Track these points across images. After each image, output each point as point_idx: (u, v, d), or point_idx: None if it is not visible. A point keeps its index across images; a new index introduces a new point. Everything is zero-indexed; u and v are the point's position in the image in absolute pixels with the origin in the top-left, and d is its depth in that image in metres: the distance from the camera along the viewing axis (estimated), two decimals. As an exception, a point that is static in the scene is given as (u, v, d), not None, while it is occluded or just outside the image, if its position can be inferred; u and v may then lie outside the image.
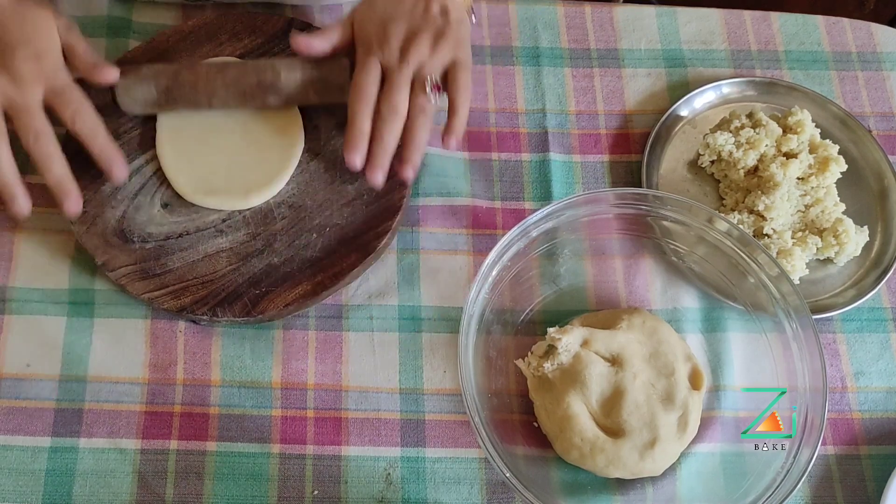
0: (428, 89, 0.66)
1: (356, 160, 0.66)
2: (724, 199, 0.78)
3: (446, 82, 0.68)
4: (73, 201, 0.65)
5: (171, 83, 0.70)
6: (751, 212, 0.74)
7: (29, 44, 0.63)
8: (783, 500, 0.59)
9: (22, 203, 0.64)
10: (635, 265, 0.74)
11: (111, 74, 0.67)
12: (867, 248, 0.76)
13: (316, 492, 0.66)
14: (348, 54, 0.71)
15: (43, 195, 0.74)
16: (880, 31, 0.87)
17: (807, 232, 0.75)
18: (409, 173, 0.68)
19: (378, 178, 0.67)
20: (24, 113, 0.63)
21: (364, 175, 0.68)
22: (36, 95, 0.63)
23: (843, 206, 0.76)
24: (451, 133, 0.68)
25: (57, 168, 0.64)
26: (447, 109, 0.69)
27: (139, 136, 0.73)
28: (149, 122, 0.74)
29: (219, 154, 0.72)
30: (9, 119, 0.64)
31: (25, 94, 0.63)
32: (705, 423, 0.68)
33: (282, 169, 0.72)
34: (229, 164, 0.72)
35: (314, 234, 0.71)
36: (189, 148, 0.72)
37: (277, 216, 0.71)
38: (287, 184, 0.72)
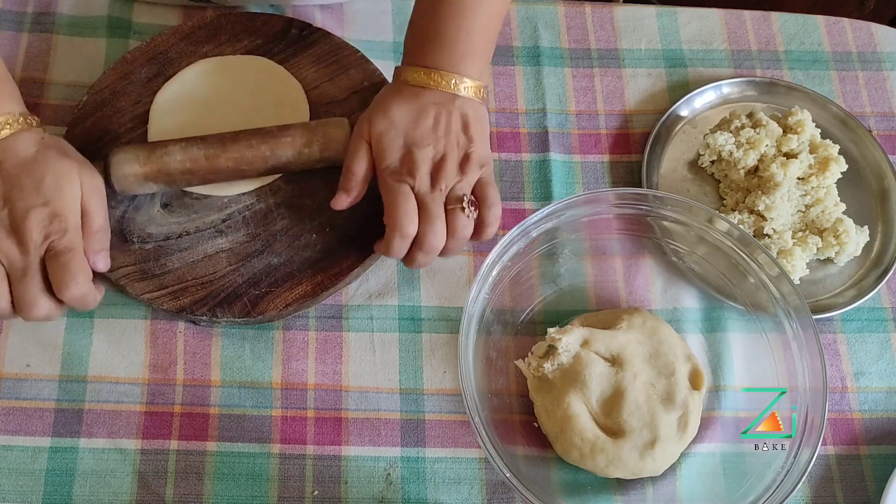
0: (466, 210, 0.64)
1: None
2: (724, 199, 0.78)
3: (475, 195, 0.66)
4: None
5: (159, 168, 0.68)
6: (751, 212, 0.74)
7: (46, 206, 0.60)
8: (783, 500, 0.59)
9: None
10: (635, 265, 0.74)
11: (104, 266, 0.63)
12: (867, 248, 0.76)
13: (316, 492, 0.66)
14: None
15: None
16: (880, 31, 0.87)
17: (807, 232, 0.75)
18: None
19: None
20: (22, 279, 0.59)
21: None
22: (37, 259, 0.59)
23: (843, 206, 0.76)
24: (483, 232, 0.66)
25: (54, 319, 0.61)
26: (477, 224, 0.66)
27: (140, 135, 0.73)
28: (148, 122, 0.74)
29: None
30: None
31: (28, 260, 0.59)
32: (705, 423, 0.68)
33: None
34: None
35: (314, 235, 0.70)
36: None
37: (277, 216, 0.71)
38: (287, 184, 0.72)
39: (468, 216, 0.64)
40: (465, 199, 0.64)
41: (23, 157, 0.61)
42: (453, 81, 0.65)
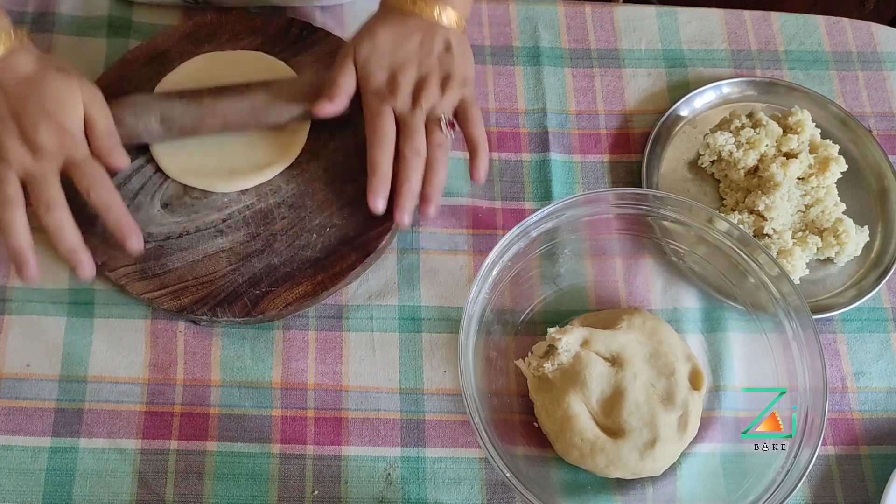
0: (444, 128, 0.68)
1: (379, 205, 0.67)
2: (724, 199, 0.78)
3: (458, 120, 0.70)
4: (85, 269, 0.64)
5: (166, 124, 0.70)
6: (751, 212, 0.74)
7: (52, 117, 0.63)
8: (783, 500, 0.59)
9: (32, 270, 0.63)
10: (635, 265, 0.74)
11: (121, 161, 0.66)
12: (867, 248, 0.76)
13: (316, 492, 0.66)
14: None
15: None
16: (880, 31, 0.87)
17: (807, 232, 0.75)
18: (431, 210, 0.68)
19: (406, 220, 0.68)
20: (39, 183, 0.63)
21: (394, 216, 0.68)
22: (52, 166, 0.63)
23: (843, 206, 0.76)
24: (478, 169, 0.69)
25: (68, 238, 0.63)
26: (468, 147, 0.70)
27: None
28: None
29: (217, 138, 0.73)
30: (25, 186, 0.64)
31: (42, 166, 0.63)
32: (705, 423, 0.68)
33: (291, 144, 0.73)
34: (230, 146, 0.73)
35: (314, 235, 0.70)
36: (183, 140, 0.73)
37: (277, 216, 0.71)
38: (287, 184, 0.72)
39: (445, 135, 0.67)
40: (442, 117, 0.67)
41: (24, 75, 0.64)
42: (437, 10, 0.69)
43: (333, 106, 0.69)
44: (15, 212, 0.62)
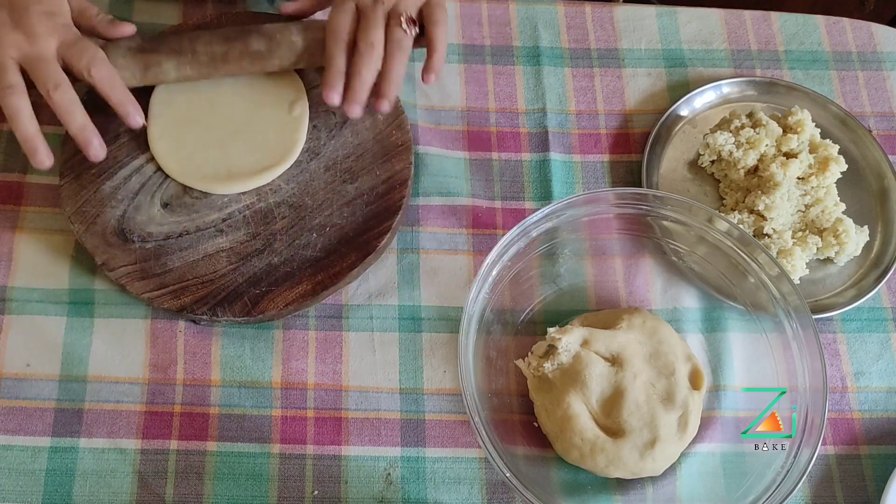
0: (403, 24, 0.68)
1: (334, 98, 0.68)
2: (724, 198, 0.78)
3: (421, 19, 0.70)
4: (96, 146, 0.66)
5: (153, 36, 0.72)
6: (751, 211, 0.74)
7: (41, 2, 0.64)
8: (783, 500, 0.59)
9: (43, 156, 0.64)
10: (635, 265, 0.74)
11: (128, 28, 0.69)
12: (867, 247, 0.76)
13: (316, 492, 0.66)
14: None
15: (44, 195, 0.74)
16: (880, 31, 0.87)
17: (807, 232, 0.75)
18: (384, 106, 0.69)
19: (356, 111, 0.68)
20: (41, 64, 0.63)
21: (343, 108, 0.69)
22: (51, 48, 0.64)
23: (843, 206, 0.76)
24: (430, 70, 0.69)
25: (79, 116, 0.65)
26: (426, 48, 0.70)
27: (139, 135, 0.73)
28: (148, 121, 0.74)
29: (217, 138, 0.73)
30: (25, 73, 0.65)
31: (41, 47, 0.64)
32: (705, 423, 0.68)
33: (292, 144, 0.73)
34: (230, 146, 0.73)
35: (314, 234, 0.70)
36: (184, 135, 0.73)
37: (277, 216, 0.71)
38: (287, 183, 0.72)
39: (405, 30, 0.67)
40: (403, 14, 0.67)
41: None
42: None
43: (296, 6, 0.72)
44: (19, 98, 0.63)
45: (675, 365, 0.67)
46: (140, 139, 0.73)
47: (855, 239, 0.74)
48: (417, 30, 0.69)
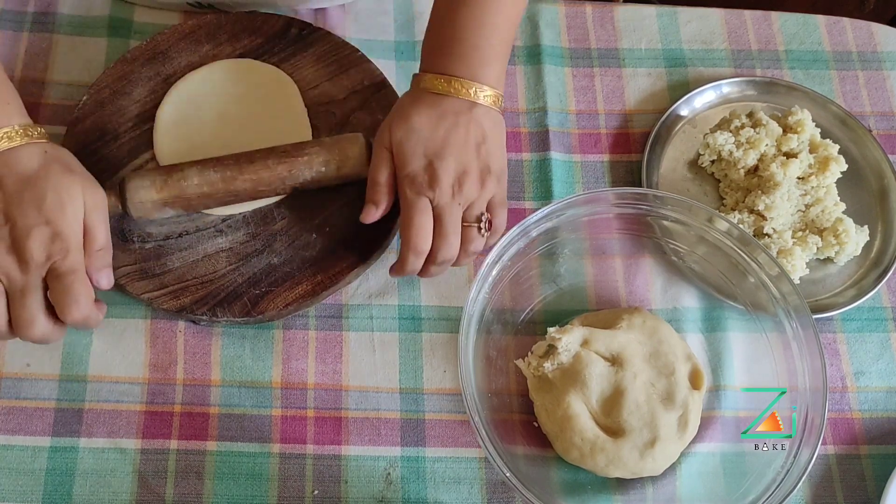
0: (483, 230, 0.65)
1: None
2: (724, 198, 0.78)
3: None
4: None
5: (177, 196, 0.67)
6: (751, 211, 0.74)
7: (48, 225, 0.58)
8: (783, 500, 0.59)
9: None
10: (635, 265, 0.74)
11: (106, 283, 0.61)
12: (867, 247, 0.76)
13: (316, 491, 0.66)
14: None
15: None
16: (880, 31, 0.87)
17: (807, 231, 0.75)
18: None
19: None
20: (21, 297, 0.58)
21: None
22: (37, 279, 0.58)
23: (843, 206, 0.75)
24: (469, 256, 0.67)
25: (55, 339, 0.60)
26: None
27: (139, 135, 0.73)
28: (148, 121, 0.74)
29: (221, 149, 0.73)
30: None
31: (28, 279, 0.58)
32: (705, 423, 0.68)
33: None
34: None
35: (314, 234, 0.70)
36: (189, 145, 0.73)
37: (277, 216, 0.71)
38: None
39: (483, 235, 0.64)
40: (482, 217, 0.64)
41: (25, 173, 0.60)
42: (473, 90, 0.64)
43: (378, 210, 0.66)
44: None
45: (675, 365, 0.67)
46: (141, 139, 0.73)
47: (855, 239, 0.74)
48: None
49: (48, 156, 0.62)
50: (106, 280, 0.61)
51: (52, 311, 0.59)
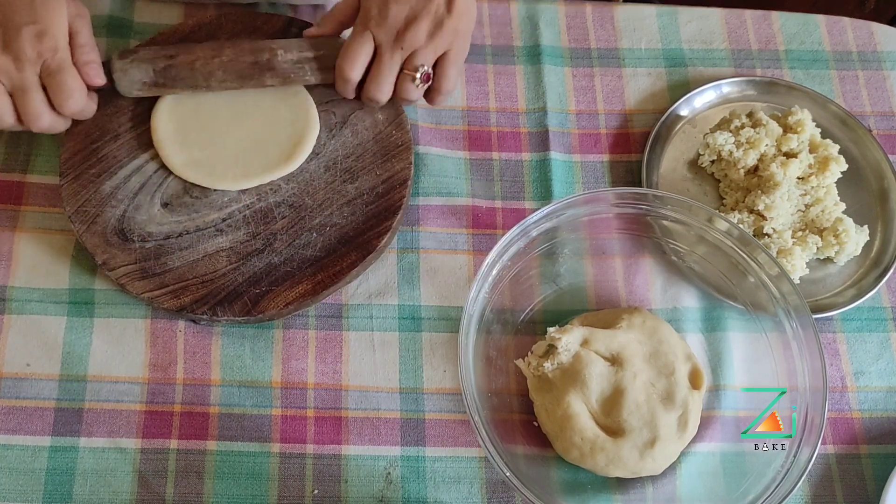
0: (418, 80, 0.68)
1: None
2: (724, 198, 0.78)
3: (435, 69, 0.70)
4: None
5: (167, 64, 0.71)
6: (751, 211, 0.74)
7: (35, 23, 0.64)
8: (783, 500, 0.59)
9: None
10: (635, 265, 0.74)
11: (97, 78, 0.68)
12: (867, 247, 0.76)
13: (316, 491, 0.66)
14: None
15: (44, 195, 0.74)
16: (881, 31, 0.87)
17: (807, 231, 0.75)
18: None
19: None
20: (24, 94, 0.64)
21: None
22: (34, 77, 0.65)
23: (843, 206, 0.76)
24: (431, 100, 0.70)
25: (62, 127, 0.68)
26: (431, 90, 0.71)
27: (139, 134, 0.73)
28: (148, 121, 0.74)
29: (223, 136, 0.73)
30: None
31: (25, 75, 0.64)
32: (705, 423, 0.68)
33: (300, 144, 0.73)
34: (236, 142, 0.73)
35: (314, 234, 0.71)
36: (189, 131, 0.73)
37: (277, 216, 0.71)
38: (287, 183, 0.72)
39: (416, 86, 0.67)
40: (420, 68, 0.67)
41: None
42: None
43: (317, 32, 0.71)
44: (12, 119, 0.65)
45: (675, 364, 0.67)
46: (141, 139, 0.73)
47: (855, 238, 0.74)
48: (429, 84, 0.69)
49: None
50: (95, 73, 0.68)
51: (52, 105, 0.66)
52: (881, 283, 0.74)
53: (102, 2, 0.83)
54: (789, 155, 0.76)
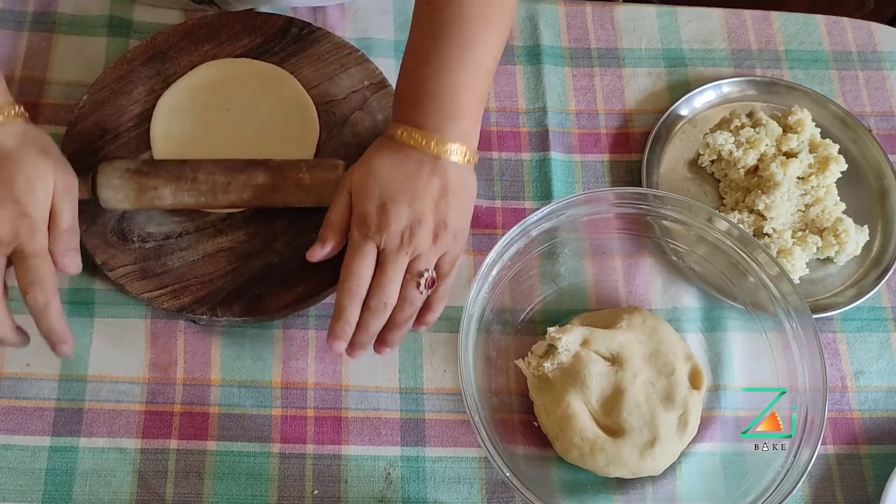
0: (421, 287, 0.62)
1: (340, 347, 0.62)
2: (724, 198, 0.78)
3: (436, 270, 0.65)
4: (11, 340, 0.61)
5: (153, 206, 0.68)
6: (751, 211, 0.74)
7: (15, 203, 0.59)
8: (783, 500, 0.59)
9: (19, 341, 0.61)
10: (635, 264, 0.74)
11: (72, 267, 0.62)
12: (867, 247, 0.76)
13: (316, 491, 0.66)
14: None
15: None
16: (880, 31, 0.87)
17: (807, 231, 0.75)
18: (385, 352, 0.64)
19: (358, 356, 0.63)
20: None
21: (346, 351, 0.63)
22: (2, 258, 0.59)
23: (843, 206, 0.76)
24: (421, 324, 0.65)
25: (5, 330, 0.60)
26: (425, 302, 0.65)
27: (139, 135, 0.73)
28: (148, 121, 0.73)
29: (219, 151, 0.72)
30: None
31: None
32: (705, 423, 0.68)
33: (300, 149, 0.73)
34: (236, 149, 0.72)
35: (314, 234, 0.70)
36: (187, 147, 0.73)
37: (277, 215, 0.71)
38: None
39: (421, 292, 0.62)
40: (424, 273, 0.62)
41: (1, 151, 0.60)
42: (434, 143, 0.62)
43: (324, 250, 0.64)
44: None
45: (675, 364, 0.67)
46: (141, 139, 0.73)
47: (855, 238, 0.74)
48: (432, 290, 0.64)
49: (26, 137, 0.62)
50: (71, 263, 0.61)
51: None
52: (881, 283, 0.74)
53: (102, 2, 0.83)
54: (789, 155, 0.76)
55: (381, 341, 0.64)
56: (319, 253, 0.65)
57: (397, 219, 0.61)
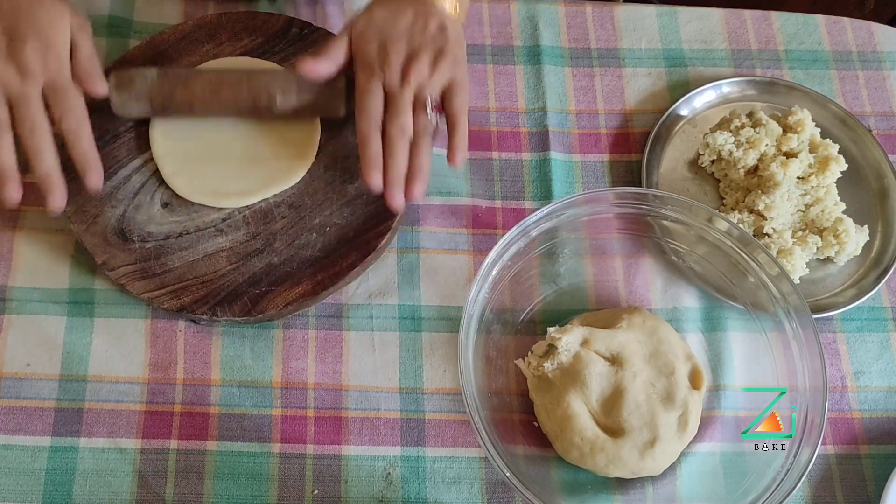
0: (429, 110, 0.67)
1: (377, 179, 0.65)
2: (724, 198, 0.78)
3: (443, 101, 0.69)
4: (57, 197, 0.64)
5: (165, 105, 0.70)
6: (751, 211, 0.74)
7: (39, 36, 0.64)
8: (783, 500, 0.59)
9: (12, 191, 0.63)
10: (635, 264, 0.74)
11: (100, 89, 0.67)
12: (867, 247, 0.76)
13: (316, 491, 0.66)
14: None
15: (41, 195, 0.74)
16: (880, 31, 0.87)
17: (807, 231, 0.75)
18: (417, 192, 0.66)
19: (399, 201, 0.66)
20: (23, 104, 0.64)
21: (386, 199, 0.66)
22: (36, 88, 0.64)
23: (843, 206, 0.76)
24: (455, 150, 0.68)
25: (47, 162, 0.64)
26: (447, 128, 0.68)
27: (139, 135, 0.73)
28: (149, 121, 0.74)
29: (220, 152, 0.72)
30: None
31: (27, 86, 0.64)
32: (705, 423, 0.68)
33: (300, 161, 0.73)
34: (232, 159, 0.72)
35: (314, 234, 0.70)
36: (187, 147, 0.73)
37: (277, 216, 0.71)
38: (287, 183, 0.72)
39: (430, 117, 0.67)
40: (429, 99, 0.67)
41: None
42: None
43: (317, 64, 0.68)
44: (1, 134, 0.63)
45: (675, 364, 0.67)
46: (141, 139, 0.73)
47: (855, 238, 0.74)
48: (442, 115, 0.68)
49: None
50: (99, 84, 0.67)
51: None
52: (881, 283, 0.74)
53: (102, 1, 0.83)
54: (789, 155, 0.76)
55: (410, 180, 0.67)
56: (311, 64, 0.68)
57: (397, 54, 0.67)
